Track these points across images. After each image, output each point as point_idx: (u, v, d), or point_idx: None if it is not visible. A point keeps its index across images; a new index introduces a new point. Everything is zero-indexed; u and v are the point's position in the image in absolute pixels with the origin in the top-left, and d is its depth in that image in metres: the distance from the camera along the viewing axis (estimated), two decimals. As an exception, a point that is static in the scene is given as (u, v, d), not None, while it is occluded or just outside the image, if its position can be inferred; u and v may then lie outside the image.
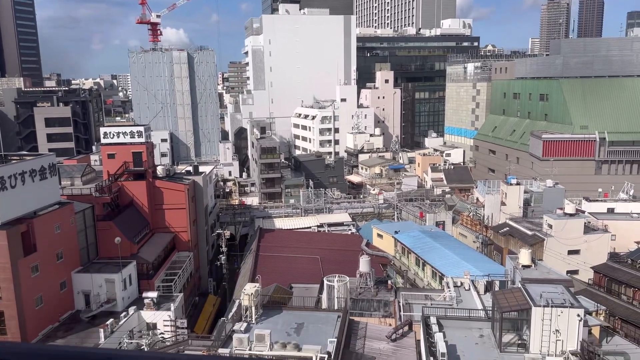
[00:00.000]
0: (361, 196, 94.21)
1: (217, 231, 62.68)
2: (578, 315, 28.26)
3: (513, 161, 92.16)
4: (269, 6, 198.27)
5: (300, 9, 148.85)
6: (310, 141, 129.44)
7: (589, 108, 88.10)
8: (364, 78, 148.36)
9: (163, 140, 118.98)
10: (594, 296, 45.83)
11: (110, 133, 57.34)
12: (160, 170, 60.25)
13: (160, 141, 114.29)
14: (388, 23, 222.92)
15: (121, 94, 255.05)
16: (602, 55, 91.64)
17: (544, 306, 28.41)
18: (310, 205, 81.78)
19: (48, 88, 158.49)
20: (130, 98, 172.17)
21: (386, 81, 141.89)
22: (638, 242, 52.22)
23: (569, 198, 63.62)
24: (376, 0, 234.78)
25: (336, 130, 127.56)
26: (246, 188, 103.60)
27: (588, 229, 54.18)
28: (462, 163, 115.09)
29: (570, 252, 52.13)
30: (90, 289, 44.90)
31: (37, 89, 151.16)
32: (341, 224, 76.49)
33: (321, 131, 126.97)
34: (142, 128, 58.42)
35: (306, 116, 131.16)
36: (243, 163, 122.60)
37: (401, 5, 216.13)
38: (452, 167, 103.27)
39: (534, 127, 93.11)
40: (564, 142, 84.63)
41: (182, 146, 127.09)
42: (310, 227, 74.68)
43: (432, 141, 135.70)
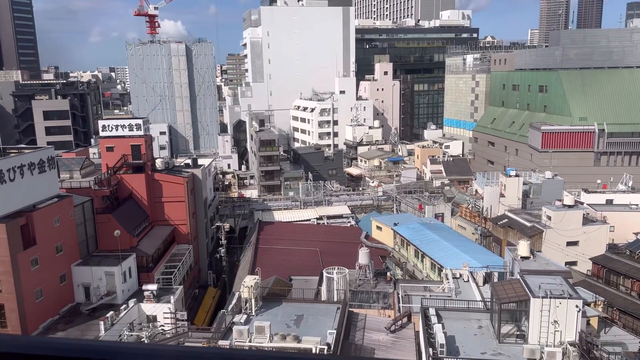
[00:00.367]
0: (360, 188, 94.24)
1: (217, 224, 62.72)
2: (576, 306, 28.39)
3: (512, 153, 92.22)
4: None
5: (298, 1, 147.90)
6: (309, 133, 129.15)
7: (588, 99, 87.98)
8: (363, 70, 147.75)
9: (162, 133, 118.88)
10: (593, 287, 46.07)
11: (108, 126, 57.20)
12: (159, 163, 60.26)
13: (159, 134, 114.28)
14: (387, 14, 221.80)
15: (119, 87, 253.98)
16: (602, 46, 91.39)
17: (543, 297, 28.52)
18: (309, 197, 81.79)
19: (46, 81, 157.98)
20: (128, 91, 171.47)
21: (385, 73, 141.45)
22: (636, 234, 52.34)
23: (568, 189, 63.70)
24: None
25: (335, 122, 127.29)
26: (245, 181, 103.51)
27: (587, 221, 54.29)
28: (461, 155, 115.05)
29: (568, 244, 52.26)
30: (90, 282, 45.01)
31: (35, 82, 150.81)
32: (340, 217, 76.55)
33: (320, 123, 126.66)
34: (141, 121, 58.27)
35: (305, 108, 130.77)
36: (242, 156, 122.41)
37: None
38: (451, 159, 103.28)
39: (533, 119, 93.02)
40: (563, 134, 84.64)
41: (181, 139, 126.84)
42: (309, 220, 74.77)
43: (431, 133, 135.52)
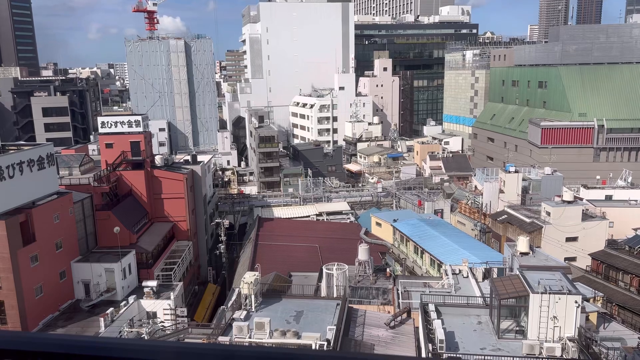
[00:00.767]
0: (360, 185, 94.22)
1: (216, 220, 62.76)
2: (576, 301, 28.44)
3: (511, 149, 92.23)
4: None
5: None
6: (308, 130, 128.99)
7: (588, 95, 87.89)
8: (363, 66, 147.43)
9: (161, 129, 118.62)
10: (592, 283, 46.17)
11: (108, 122, 57.09)
12: (158, 159, 60.23)
13: (158, 130, 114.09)
14: (386, 10, 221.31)
15: (118, 83, 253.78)
16: (601, 42, 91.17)
17: (542, 293, 28.57)
18: (309, 194, 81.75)
19: (45, 77, 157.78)
20: (127, 87, 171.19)
21: (384, 69, 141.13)
22: (636, 229, 52.37)
23: (567, 185, 63.72)
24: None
25: (334, 118, 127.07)
26: (245, 177, 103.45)
27: (586, 216, 54.31)
28: (461, 151, 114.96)
29: (568, 239, 52.31)
30: (89, 279, 45.07)
31: (34, 79, 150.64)
32: (340, 213, 76.55)
33: (319, 120, 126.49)
34: (140, 117, 58.13)
35: (304, 105, 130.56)
36: (241, 152, 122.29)
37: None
38: (451, 155, 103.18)
39: (533, 115, 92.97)
40: (563, 130, 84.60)
41: (180, 135, 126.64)
42: (309, 216, 74.76)
43: (431, 129, 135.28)
